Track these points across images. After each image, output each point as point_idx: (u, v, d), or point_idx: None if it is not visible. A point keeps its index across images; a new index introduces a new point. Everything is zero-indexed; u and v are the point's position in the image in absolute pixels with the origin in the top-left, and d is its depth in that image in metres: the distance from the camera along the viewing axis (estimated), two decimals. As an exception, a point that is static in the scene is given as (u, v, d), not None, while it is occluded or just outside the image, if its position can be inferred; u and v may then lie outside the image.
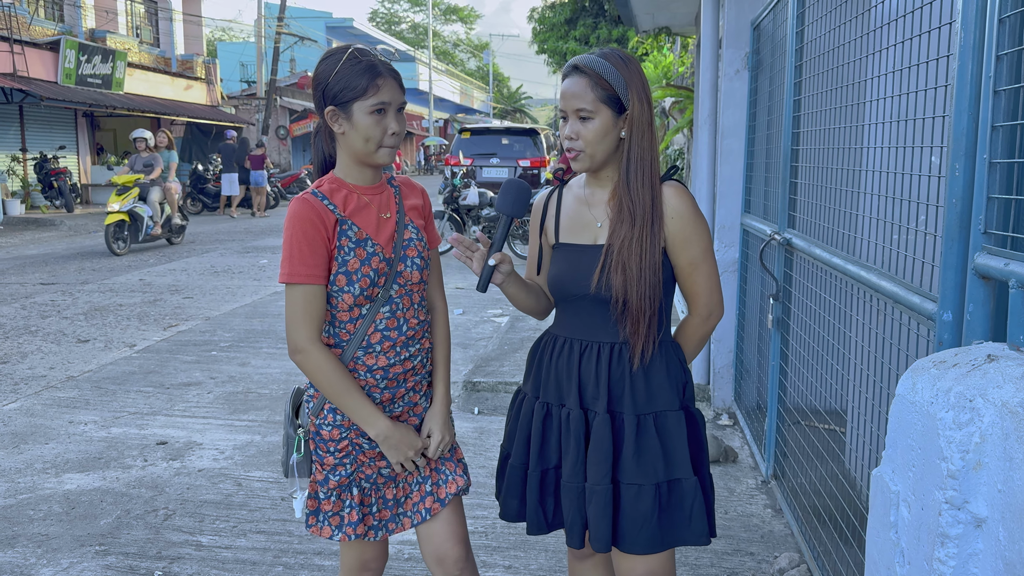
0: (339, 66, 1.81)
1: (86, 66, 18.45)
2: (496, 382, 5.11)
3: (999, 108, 1.45)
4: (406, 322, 1.93)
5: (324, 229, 1.83)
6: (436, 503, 2.01)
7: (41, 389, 5.22)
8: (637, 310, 1.84)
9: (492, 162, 15.59)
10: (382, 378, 1.91)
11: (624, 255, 1.84)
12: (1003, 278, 1.40)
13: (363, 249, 1.86)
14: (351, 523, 1.94)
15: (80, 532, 3.27)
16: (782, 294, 3.35)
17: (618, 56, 1.88)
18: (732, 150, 4.54)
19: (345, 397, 1.85)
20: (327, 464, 1.95)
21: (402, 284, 1.92)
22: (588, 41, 23.24)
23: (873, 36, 2.33)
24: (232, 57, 34.45)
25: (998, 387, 1.20)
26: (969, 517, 1.22)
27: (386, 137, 1.84)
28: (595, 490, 1.87)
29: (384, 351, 1.90)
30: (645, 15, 8.04)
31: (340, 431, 1.92)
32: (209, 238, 13.84)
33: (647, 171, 1.86)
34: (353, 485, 1.96)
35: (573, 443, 1.90)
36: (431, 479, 2.02)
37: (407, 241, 1.94)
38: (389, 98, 1.83)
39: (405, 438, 1.91)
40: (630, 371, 1.89)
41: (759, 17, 4.06)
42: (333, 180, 1.91)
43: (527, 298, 2.03)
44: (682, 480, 1.89)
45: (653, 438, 1.88)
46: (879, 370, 2.26)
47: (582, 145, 1.86)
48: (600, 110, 1.84)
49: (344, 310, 1.88)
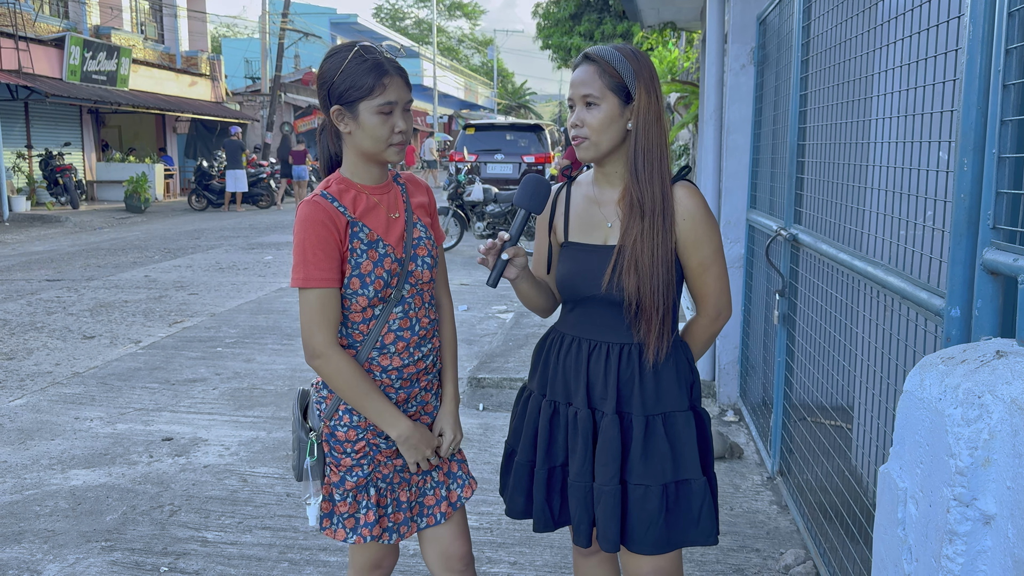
0: (344, 65, 1.79)
1: (91, 63, 18.48)
2: (501, 378, 5.10)
3: (1008, 102, 1.44)
4: (418, 321, 1.92)
5: (336, 231, 1.81)
6: (450, 507, 2.02)
7: (47, 385, 5.23)
8: (651, 309, 1.83)
9: (496, 158, 15.59)
10: (397, 378, 1.90)
11: (636, 252, 1.82)
12: (1012, 273, 1.39)
13: (375, 251, 1.85)
14: (367, 524, 1.93)
15: (86, 528, 3.28)
16: (788, 290, 3.34)
17: (629, 49, 1.88)
18: (738, 145, 4.52)
19: (366, 399, 1.84)
20: (343, 466, 1.93)
21: (413, 284, 1.91)
22: (593, 36, 23.19)
23: (880, 30, 2.31)
24: (236, 53, 34.48)
25: (1007, 383, 1.19)
26: (978, 514, 1.21)
27: (393, 135, 1.82)
28: (604, 491, 1.86)
29: (398, 351, 1.89)
30: (650, 10, 8.02)
31: (357, 432, 1.90)
32: (214, 234, 13.86)
33: (655, 163, 1.85)
34: (370, 485, 1.94)
35: (581, 442, 1.90)
36: (444, 484, 2.02)
37: (417, 240, 1.93)
38: (396, 97, 1.80)
39: (424, 438, 1.91)
40: (639, 371, 1.88)
41: (765, 11, 4.04)
42: (341, 180, 1.89)
43: (537, 295, 2.02)
44: (691, 481, 1.88)
45: (662, 439, 1.87)
46: (886, 366, 2.25)
47: (587, 132, 1.85)
48: (606, 97, 1.83)
49: (357, 311, 1.87)
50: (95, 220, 16.04)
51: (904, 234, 2.12)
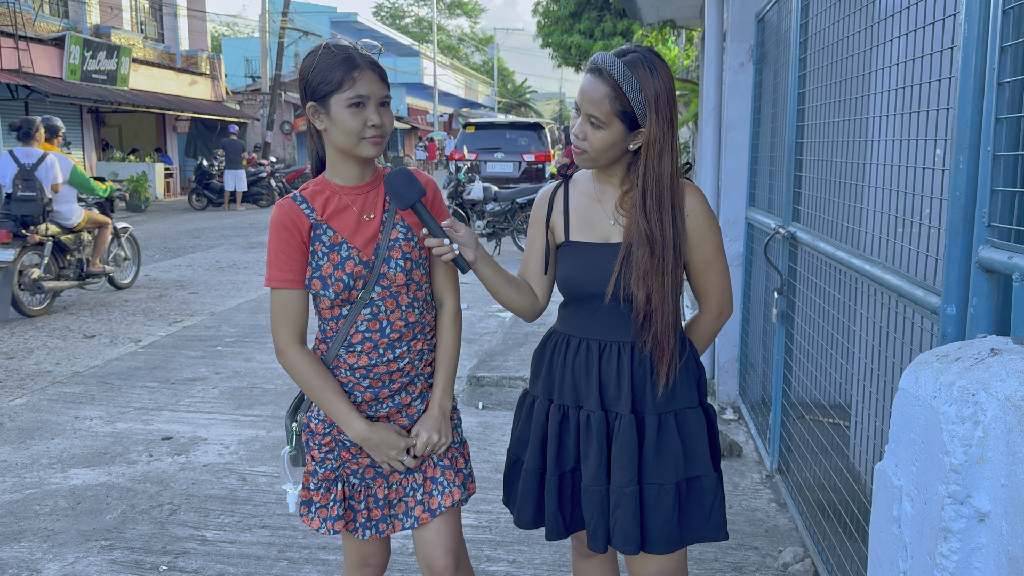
0: (316, 60, 1.80)
1: (91, 62, 18.48)
2: (500, 377, 5.10)
3: (1003, 100, 1.44)
4: (390, 324, 1.89)
5: (299, 234, 1.83)
6: (426, 513, 1.96)
7: (47, 385, 5.23)
8: (662, 333, 1.83)
9: (497, 156, 15.58)
10: (363, 376, 1.89)
11: (647, 280, 1.80)
12: (1007, 271, 1.39)
13: (337, 253, 1.84)
14: (331, 518, 1.95)
15: (86, 527, 3.29)
16: (786, 288, 3.34)
17: (646, 65, 1.77)
18: (736, 143, 4.52)
19: (322, 398, 1.86)
20: (315, 457, 1.96)
21: (385, 286, 1.87)
22: (593, 34, 23.18)
23: (877, 28, 2.32)
24: (236, 52, 34.47)
25: (1001, 381, 1.19)
26: (972, 511, 1.21)
27: (366, 129, 1.79)
28: (624, 493, 1.83)
29: (366, 351, 1.88)
30: (650, 8, 8.01)
31: (324, 426, 1.93)
32: (214, 234, 13.86)
33: (664, 194, 1.80)
34: (339, 480, 1.96)
35: (595, 446, 1.86)
36: (424, 488, 1.97)
37: (392, 242, 1.89)
38: (367, 91, 1.78)
39: (385, 439, 1.88)
40: (651, 370, 1.86)
41: (763, 9, 4.04)
42: (319, 182, 1.91)
43: (505, 286, 1.93)
44: (702, 477, 1.87)
45: (674, 437, 1.85)
46: (883, 364, 2.25)
47: (587, 147, 1.82)
48: (612, 123, 1.78)
49: (326, 308, 1.90)
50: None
51: (901, 232, 2.12)
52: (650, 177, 1.80)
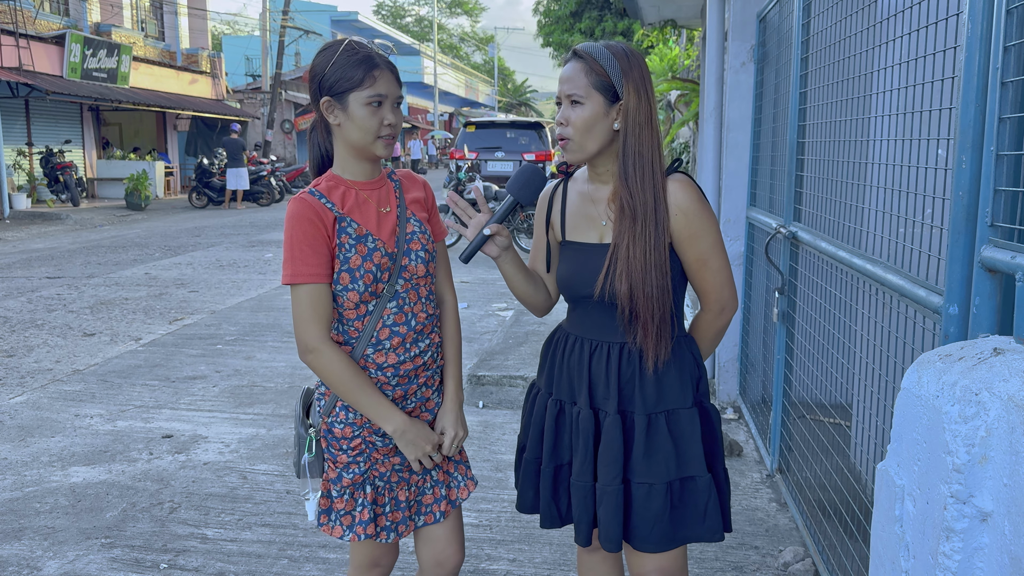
0: (336, 57, 1.81)
1: (91, 60, 18.48)
2: (501, 375, 5.11)
3: (1006, 100, 1.44)
4: (414, 316, 1.92)
5: (324, 227, 1.82)
6: (449, 505, 2.02)
7: (47, 383, 5.23)
8: (645, 316, 1.80)
9: (497, 155, 15.57)
10: (393, 375, 1.90)
11: (628, 259, 1.79)
12: (1010, 271, 1.39)
13: (364, 245, 1.85)
14: (361, 522, 1.93)
15: (86, 525, 3.29)
16: (787, 288, 3.34)
17: (620, 47, 1.83)
18: (738, 143, 4.52)
19: (359, 394, 1.84)
20: (340, 462, 1.93)
21: (407, 278, 1.91)
22: (593, 34, 23.19)
23: (880, 28, 2.31)
24: (237, 51, 34.47)
25: (1004, 380, 1.19)
26: (974, 511, 1.21)
27: (382, 128, 1.83)
28: (606, 491, 1.85)
29: (394, 347, 1.89)
30: (650, 8, 8.01)
31: (353, 429, 1.91)
32: (214, 232, 13.86)
33: (646, 168, 1.80)
34: (367, 483, 1.94)
35: (582, 442, 1.89)
36: (444, 482, 2.02)
37: (410, 235, 1.93)
38: (385, 90, 1.82)
39: (421, 433, 1.91)
40: (640, 371, 1.86)
41: (765, 9, 4.04)
42: (331, 178, 1.90)
43: (526, 284, 1.99)
44: (696, 478, 1.86)
45: (665, 437, 1.85)
46: (885, 364, 2.25)
47: (571, 132, 1.82)
48: (591, 96, 1.79)
49: (351, 308, 1.87)
50: (95, 217, 16.04)
51: (903, 232, 2.12)
52: (631, 148, 1.80)
